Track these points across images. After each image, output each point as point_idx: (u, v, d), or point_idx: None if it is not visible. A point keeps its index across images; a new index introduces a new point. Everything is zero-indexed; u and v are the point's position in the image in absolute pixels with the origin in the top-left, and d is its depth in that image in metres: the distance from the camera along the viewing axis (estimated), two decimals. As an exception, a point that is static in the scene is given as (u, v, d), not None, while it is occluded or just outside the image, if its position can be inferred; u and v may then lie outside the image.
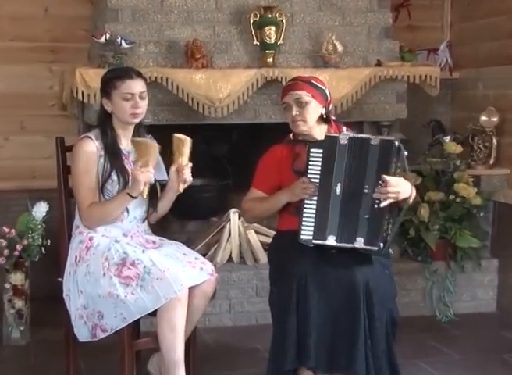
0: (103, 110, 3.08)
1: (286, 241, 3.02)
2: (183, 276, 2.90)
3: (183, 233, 4.56)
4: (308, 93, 3.05)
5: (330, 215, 2.88)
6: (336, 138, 2.91)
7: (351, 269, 2.89)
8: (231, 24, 4.23)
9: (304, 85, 3.06)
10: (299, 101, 3.05)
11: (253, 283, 4.16)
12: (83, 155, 2.99)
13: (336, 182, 2.88)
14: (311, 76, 3.18)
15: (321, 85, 3.11)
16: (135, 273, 2.91)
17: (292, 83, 3.11)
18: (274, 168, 3.11)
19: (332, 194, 2.88)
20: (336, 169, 2.89)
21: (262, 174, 3.16)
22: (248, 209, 3.18)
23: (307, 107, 3.05)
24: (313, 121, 3.07)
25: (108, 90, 3.04)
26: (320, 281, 2.88)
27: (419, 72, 4.31)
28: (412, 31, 5.07)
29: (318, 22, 4.33)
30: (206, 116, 4.07)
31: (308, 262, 2.89)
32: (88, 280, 2.95)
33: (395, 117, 4.41)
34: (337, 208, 2.88)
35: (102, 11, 4.17)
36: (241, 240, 4.30)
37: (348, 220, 2.89)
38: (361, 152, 2.88)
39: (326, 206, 2.88)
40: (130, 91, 3.01)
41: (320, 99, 3.08)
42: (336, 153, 2.89)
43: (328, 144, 2.92)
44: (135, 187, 2.92)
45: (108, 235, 3.03)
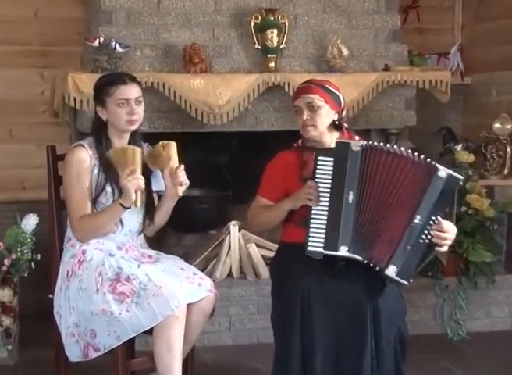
0: (97, 118, 3.09)
1: (290, 253, 3.03)
2: (180, 293, 2.91)
3: (181, 247, 4.56)
4: (321, 97, 3.06)
5: (342, 224, 2.87)
6: (348, 145, 2.92)
7: (358, 286, 2.89)
8: (231, 27, 4.25)
9: (317, 89, 3.08)
10: (311, 106, 3.06)
11: (254, 299, 4.16)
12: (75, 164, 3.00)
13: (348, 190, 2.88)
14: (324, 80, 3.18)
15: (336, 90, 3.12)
16: (130, 289, 2.91)
17: (305, 86, 3.12)
18: (280, 175, 3.12)
19: (344, 203, 2.87)
20: (348, 177, 2.88)
21: (268, 181, 3.16)
22: (253, 218, 3.18)
23: (318, 112, 3.06)
24: (324, 127, 3.08)
25: (102, 97, 3.05)
26: (325, 298, 2.87)
27: (429, 77, 4.32)
28: (421, 34, 5.10)
29: (323, 25, 4.35)
30: (205, 124, 4.08)
31: (313, 276, 2.89)
32: (80, 296, 2.96)
33: (403, 125, 4.42)
34: (351, 218, 2.87)
35: (96, 13, 4.19)
36: (241, 254, 4.30)
37: (366, 233, 2.87)
38: (403, 170, 2.87)
39: (338, 215, 2.87)
40: (125, 97, 3.02)
41: (333, 105, 3.09)
42: (348, 160, 2.89)
43: (340, 150, 2.92)
44: (126, 197, 2.93)
45: (101, 248, 3.03)
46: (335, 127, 3.13)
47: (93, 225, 3.01)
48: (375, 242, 2.87)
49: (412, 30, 5.00)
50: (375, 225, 2.87)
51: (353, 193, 2.87)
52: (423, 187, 2.84)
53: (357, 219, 2.87)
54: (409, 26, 4.96)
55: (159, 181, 3.14)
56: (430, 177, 2.84)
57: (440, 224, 2.85)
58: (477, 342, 4.19)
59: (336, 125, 3.13)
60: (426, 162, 2.86)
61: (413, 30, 5.02)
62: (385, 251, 2.85)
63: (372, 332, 2.88)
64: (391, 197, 2.87)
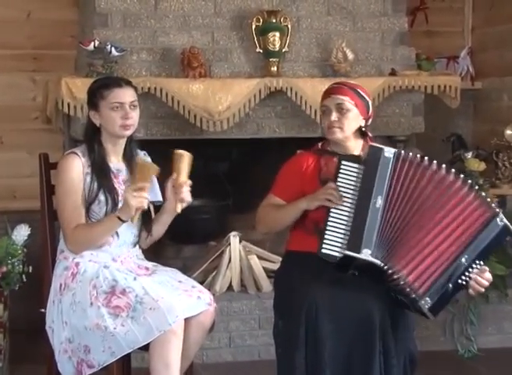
0: (90, 124, 3.10)
1: (297, 263, 3.02)
2: (178, 307, 2.91)
3: (179, 259, 4.56)
4: (352, 100, 3.08)
5: (367, 227, 2.88)
6: (381, 150, 2.95)
7: (367, 298, 2.89)
8: (231, 30, 4.26)
9: (348, 91, 3.09)
10: (340, 107, 3.07)
11: (255, 314, 4.16)
12: (68, 172, 3.01)
13: (377, 195, 2.90)
14: (356, 83, 3.20)
15: (367, 96, 3.14)
16: (125, 303, 2.91)
17: (336, 87, 3.13)
18: (297, 175, 3.12)
19: (371, 206, 2.89)
20: (377, 181, 2.91)
21: (284, 180, 3.16)
22: (262, 216, 3.16)
23: (347, 114, 3.07)
24: (351, 131, 3.10)
25: (95, 101, 3.06)
26: (332, 310, 2.86)
27: (438, 82, 4.34)
28: (430, 37, 5.11)
29: (327, 27, 4.36)
30: (204, 131, 4.09)
31: (321, 287, 2.88)
32: (74, 310, 2.96)
33: (411, 131, 4.43)
34: (376, 223, 2.88)
35: (90, 15, 4.20)
36: (242, 266, 4.30)
37: (391, 241, 2.88)
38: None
39: (363, 218, 2.88)
40: (119, 101, 3.04)
41: (362, 110, 3.11)
42: (379, 165, 2.92)
43: (373, 154, 2.94)
44: (125, 211, 2.93)
45: (95, 260, 3.04)
46: (360, 134, 3.15)
47: (87, 236, 3.02)
48: (399, 254, 2.86)
49: (420, 32, 5.01)
50: (400, 236, 2.87)
51: (381, 198, 2.89)
52: (478, 228, 2.89)
53: (382, 225, 2.88)
54: (417, 28, 4.97)
55: (156, 192, 3.14)
56: (487, 221, 2.90)
57: (483, 270, 2.92)
58: (489, 359, 4.18)
59: (362, 132, 3.15)
60: (487, 203, 2.93)
61: (421, 32, 5.03)
62: (416, 273, 2.85)
63: (381, 348, 2.88)
64: (424, 213, 2.89)
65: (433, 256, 2.87)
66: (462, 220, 2.90)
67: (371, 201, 2.88)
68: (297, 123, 4.25)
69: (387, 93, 4.25)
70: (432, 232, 2.88)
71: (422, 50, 4.52)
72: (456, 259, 2.87)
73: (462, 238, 2.88)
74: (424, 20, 5.10)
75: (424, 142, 4.59)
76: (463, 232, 2.89)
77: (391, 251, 2.86)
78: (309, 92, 4.11)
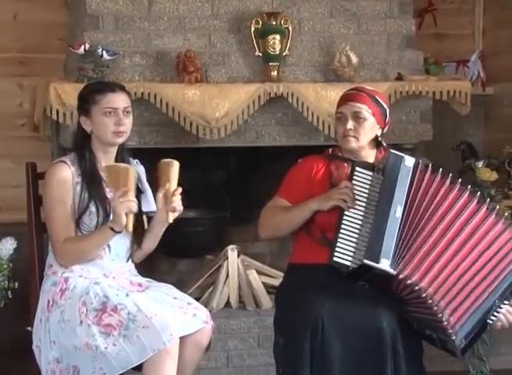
0: (81, 130, 3.11)
1: (301, 276, 3.02)
2: (173, 324, 2.91)
3: (174, 274, 4.56)
4: (370, 109, 3.09)
5: (386, 236, 2.89)
6: (402, 158, 2.98)
7: (376, 313, 2.90)
8: (229, 33, 4.27)
9: (367, 99, 3.10)
10: (357, 116, 3.08)
11: (254, 332, 4.16)
12: (56, 182, 3.02)
13: (397, 203, 2.91)
14: (374, 89, 3.20)
15: (385, 103, 3.16)
16: (117, 321, 2.92)
17: (354, 93, 3.14)
18: (306, 179, 3.13)
19: (391, 215, 2.90)
20: (397, 190, 2.93)
21: (291, 183, 3.17)
22: (267, 217, 3.15)
23: (364, 123, 3.08)
24: (366, 140, 3.11)
25: (87, 106, 3.07)
26: (340, 326, 2.86)
27: (447, 87, 4.34)
28: (438, 40, 5.12)
29: (330, 30, 4.37)
30: (200, 139, 4.09)
31: (326, 301, 2.88)
32: (62, 328, 2.96)
33: (419, 139, 4.43)
34: (395, 233, 2.90)
35: (80, 17, 4.21)
36: (241, 281, 4.30)
37: (410, 253, 2.88)
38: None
39: (383, 226, 2.89)
40: (112, 106, 3.05)
41: (380, 119, 3.12)
42: (399, 173, 2.95)
43: (393, 161, 2.97)
44: (117, 221, 2.94)
45: (86, 276, 3.04)
46: (375, 144, 3.16)
47: (78, 249, 3.02)
48: (423, 272, 2.86)
49: (428, 35, 5.03)
50: (420, 251, 2.88)
51: (400, 207, 2.91)
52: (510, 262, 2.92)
53: (400, 236, 2.89)
54: (425, 31, 4.99)
55: (150, 201, 3.16)
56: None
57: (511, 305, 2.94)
58: (501, 380, 4.19)
59: (378, 142, 3.16)
60: None
61: (429, 35, 5.05)
62: (452, 306, 2.87)
63: (393, 366, 2.89)
64: (445, 232, 2.90)
65: (466, 290, 2.88)
66: (494, 252, 2.91)
67: (390, 210, 2.90)
68: (299, 130, 4.25)
69: (393, 99, 4.25)
70: (460, 261, 2.89)
71: (430, 54, 4.52)
72: (490, 296, 2.90)
73: (494, 273, 2.90)
74: (433, 22, 5.11)
75: (433, 151, 4.59)
76: (495, 266, 2.91)
77: (410, 265, 2.86)
78: (311, 98, 4.12)
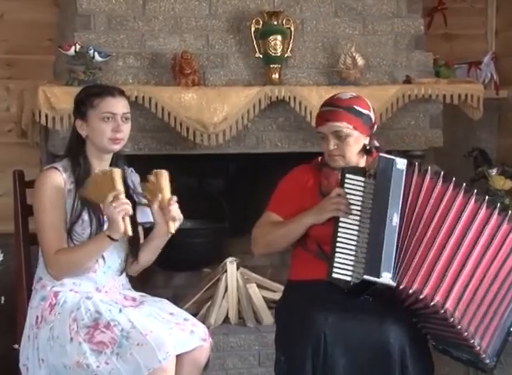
0: (75, 135, 3.12)
1: (301, 292, 3.03)
2: (169, 342, 2.91)
3: (169, 288, 4.56)
4: (350, 124, 3.06)
5: (385, 248, 2.89)
6: (393, 161, 2.97)
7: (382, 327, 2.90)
8: (228, 33, 4.28)
9: (344, 114, 3.07)
10: (337, 135, 3.07)
11: (255, 349, 4.17)
12: (48, 189, 3.02)
13: (392, 211, 2.91)
14: (352, 97, 3.15)
15: (365, 109, 3.13)
16: (110, 338, 2.92)
17: (330, 112, 3.10)
18: (296, 190, 3.14)
19: (388, 224, 2.90)
20: (391, 196, 2.93)
21: (282, 196, 3.17)
22: (259, 235, 3.16)
23: (347, 140, 3.08)
24: (354, 155, 3.11)
25: (84, 109, 3.08)
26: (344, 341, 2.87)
27: (458, 90, 4.34)
28: (449, 41, 5.13)
29: (334, 30, 4.38)
30: (197, 145, 4.10)
31: (327, 316, 2.88)
32: (52, 346, 2.97)
33: (428, 146, 4.44)
34: (393, 243, 2.90)
35: (71, 17, 4.22)
36: (240, 296, 4.30)
37: (412, 262, 2.89)
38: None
39: (380, 238, 2.89)
40: (111, 111, 3.06)
41: (363, 129, 3.11)
42: (392, 178, 2.94)
43: (384, 166, 2.97)
44: (114, 228, 2.94)
45: (77, 290, 3.05)
46: (365, 152, 3.16)
47: (72, 260, 3.02)
48: (429, 280, 2.87)
49: (438, 35, 5.03)
50: (421, 257, 2.89)
51: (396, 215, 2.91)
52: None
53: (401, 245, 2.90)
54: (434, 31, 4.99)
55: (146, 212, 3.15)
56: None
57: None
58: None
59: (367, 150, 3.15)
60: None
61: (439, 35, 5.05)
62: (474, 323, 2.89)
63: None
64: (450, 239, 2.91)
65: (493, 308, 2.91)
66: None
67: (386, 219, 2.90)
68: (301, 136, 4.26)
69: (401, 103, 4.26)
70: (482, 275, 2.91)
71: (440, 55, 4.54)
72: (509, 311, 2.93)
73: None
74: (443, 22, 5.11)
75: (444, 158, 4.59)
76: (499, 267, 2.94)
77: (418, 277, 2.87)
78: (314, 102, 4.12)
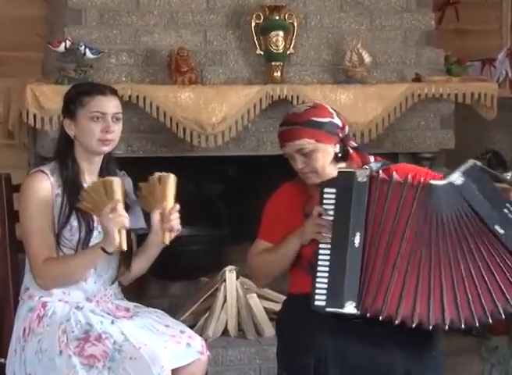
0: (64, 135, 3.11)
1: (300, 307, 3.03)
2: (164, 355, 2.91)
3: (165, 298, 4.56)
4: (311, 139, 3.05)
5: (348, 274, 2.86)
6: (352, 175, 2.92)
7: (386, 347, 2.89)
8: (227, 28, 4.29)
9: (302, 130, 3.05)
10: (302, 153, 3.07)
11: (255, 363, 4.17)
12: (34, 194, 3.02)
13: (355, 231, 2.90)
14: (308, 108, 3.12)
15: (326, 117, 3.09)
16: (101, 351, 2.91)
17: (287, 130, 3.09)
18: (283, 213, 3.14)
19: (350, 247, 2.88)
20: (353, 214, 2.89)
21: (269, 221, 3.18)
22: (255, 266, 3.19)
23: (314, 156, 3.06)
24: (326, 167, 3.08)
25: (73, 108, 3.08)
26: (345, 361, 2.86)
27: (471, 89, 4.35)
28: (461, 36, 5.14)
29: (340, 25, 4.39)
30: (195, 147, 4.10)
31: (328, 334, 2.88)
32: (40, 359, 2.96)
33: (439, 148, 4.44)
34: (357, 266, 2.88)
35: (61, 11, 4.23)
36: (240, 307, 4.30)
37: (379, 286, 2.86)
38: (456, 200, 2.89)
39: (342, 262, 2.87)
40: (101, 110, 3.06)
41: (328, 138, 3.08)
42: (353, 194, 2.90)
43: (343, 182, 2.93)
44: (109, 240, 2.93)
45: (67, 300, 3.04)
46: (341, 159, 3.13)
47: (62, 271, 3.02)
48: (390, 301, 2.84)
49: (450, 31, 5.04)
50: (389, 278, 2.85)
51: (359, 235, 2.88)
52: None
53: (366, 267, 2.87)
54: (446, 26, 5.00)
55: (139, 217, 3.15)
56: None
57: None
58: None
59: (341, 157, 3.13)
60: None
61: (451, 31, 5.06)
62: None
63: None
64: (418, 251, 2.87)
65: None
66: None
67: (348, 240, 2.87)
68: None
69: (411, 102, 4.26)
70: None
71: (452, 52, 4.53)
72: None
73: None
74: (455, 17, 5.12)
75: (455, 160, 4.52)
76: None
77: (376, 299, 2.84)
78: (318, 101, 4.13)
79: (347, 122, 3.21)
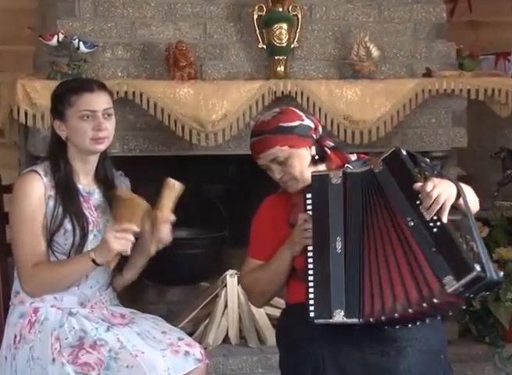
0: (55, 136, 3.13)
1: (296, 316, 3.05)
2: (161, 364, 2.93)
3: (163, 304, 4.57)
4: (283, 145, 3.06)
5: (332, 281, 2.88)
6: (326, 177, 2.95)
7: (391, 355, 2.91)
8: (228, 21, 4.29)
9: (272, 138, 3.06)
10: (276, 162, 3.08)
11: (258, 372, 4.17)
12: (26, 196, 3.03)
13: (335, 236, 2.91)
14: (275, 114, 3.12)
15: (295, 120, 3.10)
16: (96, 359, 2.93)
17: (258, 141, 3.10)
18: (269, 228, 3.16)
19: (332, 253, 2.90)
20: (332, 218, 2.92)
21: (257, 239, 3.21)
22: (250, 287, 3.22)
23: (289, 162, 3.07)
24: (305, 172, 3.07)
25: (61, 109, 3.09)
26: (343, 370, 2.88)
27: (484, 84, 4.35)
28: (474, 29, 5.15)
29: (346, 17, 4.40)
30: (194, 145, 4.10)
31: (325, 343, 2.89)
32: (32, 368, 2.97)
33: (451, 146, 4.43)
34: (341, 272, 2.89)
35: (53, 2, 4.22)
36: (241, 313, 4.31)
37: (363, 290, 2.87)
38: (373, 187, 2.91)
39: (325, 270, 2.89)
40: (90, 108, 3.07)
41: (302, 142, 3.09)
42: (329, 197, 2.93)
43: (317, 185, 2.95)
44: (103, 254, 2.95)
45: (59, 305, 3.06)
46: (318, 160, 3.14)
47: (50, 278, 3.04)
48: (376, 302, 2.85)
49: (462, 23, 5.05)
50: (374, 279, 2.86)
51: (340, 239, 2.90)
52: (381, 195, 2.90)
53: (348, 274, 2.88)
54: (458, 18, 5.01)
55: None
56: (374, 180, 2.90)
57: (424, 191, 2.83)
58: None
59: (318, 159, 3.13)
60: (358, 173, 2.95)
61: (463, 23, 5.07)
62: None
63: None
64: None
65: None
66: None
67: (329, 246, 2.89)
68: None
69: (421, 98, 4.26)
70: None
71: (464, 45, 4.52)
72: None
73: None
74: (467, 8, 5.13)
75: (468, 159, 4.59)
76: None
77: (367, 302, 2.86)
78: (324, 97, 4.14)
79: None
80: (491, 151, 4.90)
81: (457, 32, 4.69)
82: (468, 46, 4.56)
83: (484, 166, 4.84)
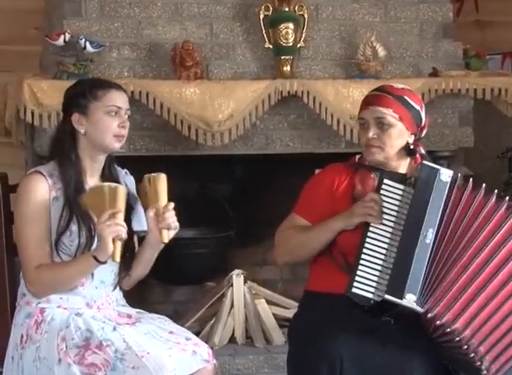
0: (65, 132, 3.11)
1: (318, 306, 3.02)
2: (168, 364, 2.91)
3: (169, 304, 4.57)
4: (396, 113, 3.06)
5: (414, 267, 2.89)
6: (437, 171, 2.97)
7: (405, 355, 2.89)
8: (234, 21, 4.30)
9: (392, 101, 3.08)
10: (380, 122, 3.07)
11: (264, 372, 4.17)
12: (31, 197, 3.02)
13: (427, 227, 2.91)
14: (406, 89, 3.16)
15: (417, 104, 3.13)
16: (102, 360, 2.92)
17: (376, 96, 3.12)
18: (327, 192, 3.13)
19: (420, 241, 2.90)
20: (429, 210, 2.93)
21: (310, 198, 3.16)
22: (282, 240, 3.16)
23: (389, 131, 3.07)
24: (394, 150, 3.09)
25: (85, 102, 3.06)
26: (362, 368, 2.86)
27: (490, 84, 4.35)
28: (481, 28, 5.14)
29: (353, 17, 4.40)
30: (200, 145, 4.11)
31: (346, 338, 2.87)
32: (38, 368, 2.97)
33: (457, 146, 4.43)
34: (424, 262, 2.89)
35: (59, 2, 4.24)
36: (248, 313, 4.31)
37: (444, 286, 2.88)
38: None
39: (410, 255, 2.89)
40: (117, 104, 3.07)
41: (410, 123, 3.10)
42: (433, 190, 2.95)
43: (426, 176, 2.97)
44: (102, 248, 2.93)
45: (65, 306, 3.05)
46: (407, 152, 3.15)
47: (54, 279, 3.03)
48: (452, 306, 2.85)
49: (468, 23, 5.04)
50: (454, 282, 2.87)
51: (432, 231, 2.91)
52: None
53: (431, 265, 2.88)
54: (464, 18, 5.00)
55: (142, 220, 3.15)
56: None
57: None
58: None
59: (410, 150, 3.14)
60: None
61: (469, 23, 5.06)
62: (488, 344, 2.86)
63: None
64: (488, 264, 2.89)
65: (510, 335, 2.88)
66: None
67: (420, 235, 2.90)
68: (315, 135, 4.26)
69: (427, 98, 4.26)
70: (503, 299, 2.88)
71: (471, 45, 4.53)
72: None
73: None
74: (474, 8, 5.12)
75: (474, 159, 4.59)
76: None
77: (441, 302, 2.85)
78: (330, 97, 4.14)
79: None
80: (497, 151, 4.90)
81: (464, 32, 4.69)
82: (475, 46, 4.56)
83: (490, 165, 4.84)
